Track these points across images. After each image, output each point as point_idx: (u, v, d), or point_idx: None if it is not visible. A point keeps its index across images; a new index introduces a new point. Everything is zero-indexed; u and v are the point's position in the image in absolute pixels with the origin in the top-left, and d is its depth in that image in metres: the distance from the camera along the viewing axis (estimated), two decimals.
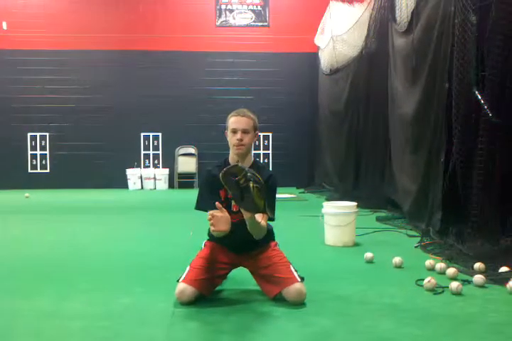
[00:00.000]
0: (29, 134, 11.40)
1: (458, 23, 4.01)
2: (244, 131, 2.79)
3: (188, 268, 2.82)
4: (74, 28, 11.25)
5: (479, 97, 3.79)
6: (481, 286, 3.03)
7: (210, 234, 2.92)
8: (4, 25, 11.19)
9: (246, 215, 2.58)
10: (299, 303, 2.69)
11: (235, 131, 2.80)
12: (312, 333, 2.30)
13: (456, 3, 4.07)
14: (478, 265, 3.33)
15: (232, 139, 2.81)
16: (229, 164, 2.77)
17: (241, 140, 2.78)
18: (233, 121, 2.83)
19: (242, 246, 2.85)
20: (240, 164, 2.53)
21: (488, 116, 3.73)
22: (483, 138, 3.78)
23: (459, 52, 4.01)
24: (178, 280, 2.77)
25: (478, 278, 3.06)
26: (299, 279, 2.75)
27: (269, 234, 2.92)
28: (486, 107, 3.73)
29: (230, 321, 2.47)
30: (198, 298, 2.72)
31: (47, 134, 11.43)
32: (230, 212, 2.74)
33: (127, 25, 11.37)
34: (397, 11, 5.84)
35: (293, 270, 2.80)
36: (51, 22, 11.27)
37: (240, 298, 2.87)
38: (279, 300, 2.73)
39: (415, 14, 5.19)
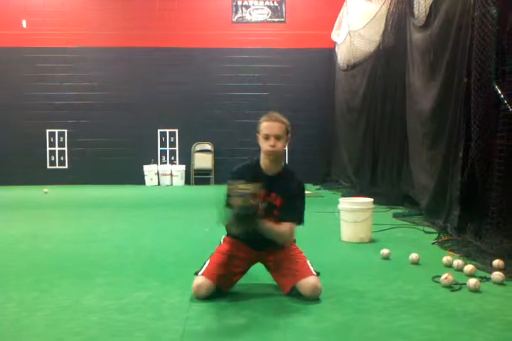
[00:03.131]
0: (48, 131, 11.52)
1: (478, 16, 3.94)
2: (277, 137, 2.78)
3: (207, 263, 2.83)
4: (92, 25, 11.33)
5: (499, 92, 3.72)
6: (500, 283, 2.99)
7: (228, 231, 2.94)
8: (24, 24, 11.32)
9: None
10: (314, 298, 2.68)
11: (267, 137, 2.79)
12: (327, 328, 2.30)
13: None
14: (496, 262, 3.29)
15: (264, 145, 2.80)
16: (259, 168, 2.81)
17: (273, 146, 2.77)
18: (266, 126, 2.80)
19: (262, 243, 2.84)
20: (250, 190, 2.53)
21: (508, 110, 3.66)
22: (503, 134, 3.72)
23: (478, 46, 3.95)
24: (196, 273, 2.78)
25: (497, 275, 3.02)
26: (315, 273, 2.75)
27: None
28: (505, 102, 3.67)
29: (245, 316, 2.47)
30: (215, 294, 2.72)
31: (65, 131, 11.55)
32: None
33: (144, 22, 11.40)
34: (415, 5, 5.76)
35: (309, 264, 2.80)
36: (69, 20, 11.36)
37: (256, 292, 2.88)
38: (295, 295, 2.72)
39: (434, 8, 5.12)
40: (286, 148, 11.82)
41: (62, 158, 11.58)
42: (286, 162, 10.76)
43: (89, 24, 11.33)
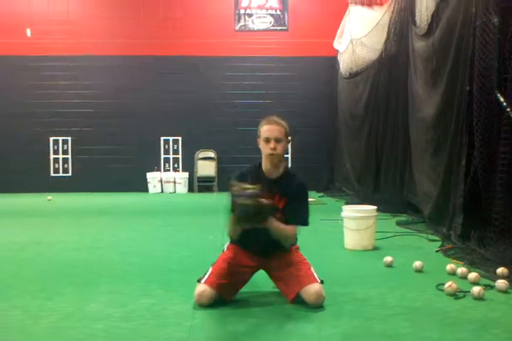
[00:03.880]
0: (51, 138, 11.58)
1: (479, 25, 3.97)
2: (277, 140, 2.80)
3: (210, 270, 2.82)
4: (95, 34, 11.42)
5: (501, 99, 3.74)
6: (504, 291, 2.98)
7: (233, 233, 2.95)
8: (28, 32, 11.41)
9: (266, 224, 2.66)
10: (317, 305, 2.68)
11: (267, 140, 2.81)
12: (330, 336, 2.29)
13: (478, 5, 4.03)
14: (500, 270, 3.28)
15: (265, 148, 2.82)
16: (261, 172, 2.84)
17: (274, 149, 2.79)
18: (266, 129, 2.83)
19: (266, 249, 2.85)
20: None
21: (510, 118, 3.68)
22: (505, 141, 3.73)
23: (480, 54, 3.97)
24: (198, 281, 2.78)
25: (501, 283, 3.02)
26: (319, 280, 2.75)
27: None
28: (508, 110, 3.68)
29: (248, 323, 2.47)
30: (217, 301, 2.72)
31: (69, 138, 11.60)
32: None
33: (148, 30, 11.49)
34: (416, 14, 5.80)
35: (313, 271, 2.81)
36: (73, 28, 11.45)
37: (258, 300, 2.88)
38: (298, 302, 2.72)
39: (435, 16, 5.15)
40: (290, 156, 11.90)
41: (65, 166, 11.62)
42: (289, 166, 10.74)
43: (92, 33, 11.41)
